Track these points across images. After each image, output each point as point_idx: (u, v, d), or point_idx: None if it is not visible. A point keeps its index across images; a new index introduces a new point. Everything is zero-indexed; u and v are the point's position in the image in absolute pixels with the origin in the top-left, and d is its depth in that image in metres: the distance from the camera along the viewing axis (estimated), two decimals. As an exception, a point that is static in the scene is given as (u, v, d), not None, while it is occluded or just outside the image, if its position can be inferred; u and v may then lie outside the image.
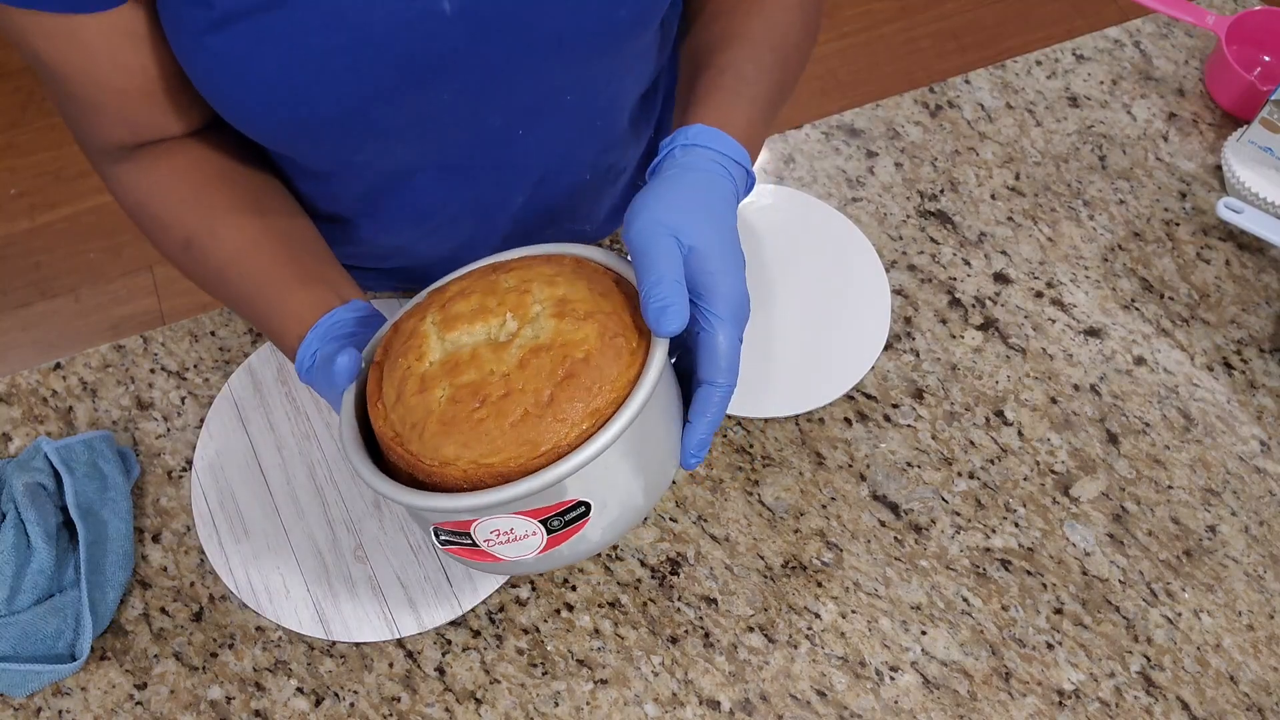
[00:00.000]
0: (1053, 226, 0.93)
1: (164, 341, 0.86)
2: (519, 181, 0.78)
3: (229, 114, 0.66)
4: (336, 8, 0.60)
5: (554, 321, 0.58)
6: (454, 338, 0.59)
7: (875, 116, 0.99)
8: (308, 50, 0.61)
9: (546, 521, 0.57)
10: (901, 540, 0.79)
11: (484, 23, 0.63)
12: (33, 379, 0.85)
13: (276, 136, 0.67)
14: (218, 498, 0.79)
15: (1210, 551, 0.79)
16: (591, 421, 0.56)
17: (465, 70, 0.65)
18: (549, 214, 0.84)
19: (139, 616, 0.76)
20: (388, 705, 0.73)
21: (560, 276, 0.61)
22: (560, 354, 0.57)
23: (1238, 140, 0.93)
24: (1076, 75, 1.02)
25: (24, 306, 1.90)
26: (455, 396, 0.57)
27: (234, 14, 0.59)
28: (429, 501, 0.56)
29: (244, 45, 0.61)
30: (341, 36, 0.61)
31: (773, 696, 0.74)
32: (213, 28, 0.60)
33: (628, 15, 0.67)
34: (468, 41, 0.63)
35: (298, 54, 0.61)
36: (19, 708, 0.73)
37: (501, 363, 0.57)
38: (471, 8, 0.62)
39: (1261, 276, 0.91)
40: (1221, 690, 0.74)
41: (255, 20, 0.60)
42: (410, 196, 0.76)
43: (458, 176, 0.75)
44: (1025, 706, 0.74)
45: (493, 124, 0.71)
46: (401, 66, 0.63)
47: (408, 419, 0.58)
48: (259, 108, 0.64)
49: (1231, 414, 0.85)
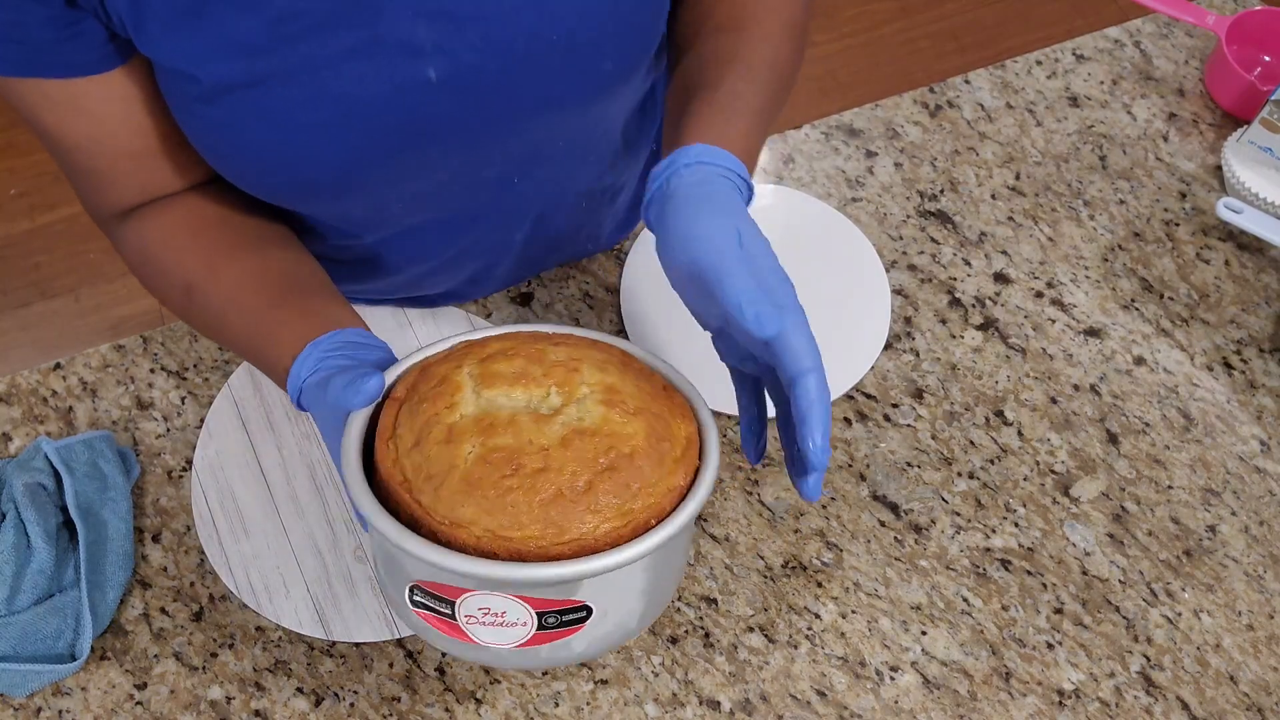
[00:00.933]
0: (1053, 226, 0.93)
1: (164, 341, 0.86)
2: (519, 222, 0.80)
3: (228, 175, 0.67)
4: (319, 82, 0.60)
5: (602, 409, 0.56)
6: (491, 396, 0.56)
7: (875, 116, 0.99)
8: (294, 122, 0.62)
9: (543, 615, 0.53)
10: (901, 540, 0.79)
11: (471, 89, 0.63)
12: (33, 379, 0.85)
13: (276, 195, 0.68)
14: (218, 497, 0.79)
15: (1210, 551, 0.79)
16: (622, 521, 0.53)
17: (454, 133, 0.66)
18: (552, 242, 0.85)
19: (139, 616, 0.76)
20: (388, 705, 0.73)
21: (610, 365, 0.59)
22: (605, 443, 0.54)
23: (1238, 140, 0.93)
24: (1076, 75, 1.02)
25: (24, 306, 1.90)
26: (486, 457, 0.54)
27: (220, 89, 0.60)
28: (436, 556, 0.51)
29: (233, 116, 0.61)
30: (326, 109, 0.61)
31: (773, 696, 0.74)
32: (203, 99, 0.61)
33: (613, 67, 0.68)
34: (455, 108, 0.64)
35: (286, 125, 0.62)
36: (19, 708, 0.73)
37: (542, 435, 0.54)
38: (456, 76, 0.62)
39: (1261, 276, 0.91)
40: (1221, 690, 0.75)
41: (241, 95, 0.60)
42: (413, 242, 0.77)
43: (458, 224, 0.77)
44: (1025, 706, 0.74)
45: (488, 176, 0.72)
46: (389, 133, 0.64)
47: (425, 468, 0.54)
48: (254, 172, 0.65)
49: (1231, 414, 0.85)
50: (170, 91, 0.62)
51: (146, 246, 0.71)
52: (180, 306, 0.72)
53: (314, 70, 0.60)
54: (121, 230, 0.72)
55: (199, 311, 0.71)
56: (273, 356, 0.66)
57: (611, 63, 0.68)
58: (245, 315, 0.69)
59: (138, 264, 0.72)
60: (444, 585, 0.53)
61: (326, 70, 0.60)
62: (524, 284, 0.89)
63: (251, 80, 0.60)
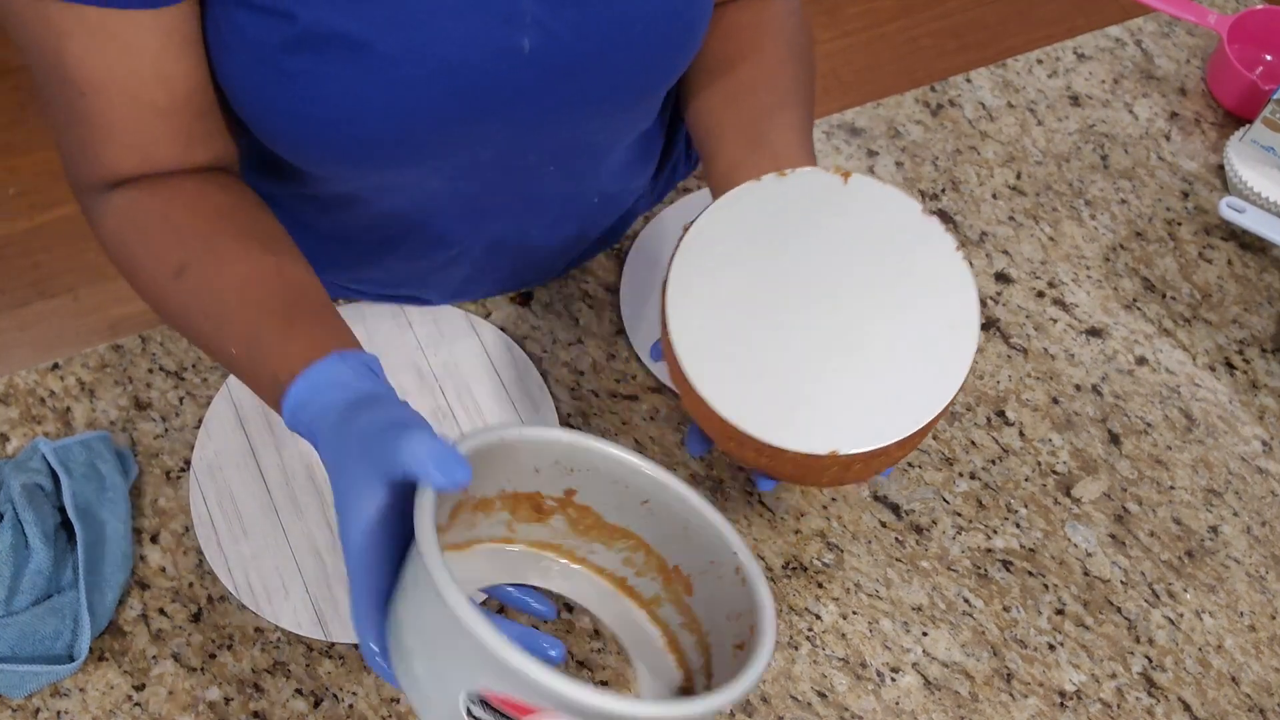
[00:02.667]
0: (1054, 226, 0.93)
1: (162, 341, 0.86)
2: (538, 219, 0.80)
3: (275, 133, 0.64)
4: (418, 37, 0.59)
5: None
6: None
7: (876, 115, 0.99)
8: (385, 77, 0.60)
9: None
10: (902, 541, 0.79)
11: (556, 65, 0.64)
12: (30, 379, 0.84)
13: (327, 156, 0.65)
14: (216, 498, 0.79)
15: (1212, 552, 0.79)
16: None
17: (524, 108, 0.65)
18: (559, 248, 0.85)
19: (137, 617, 0.76)
20: (386, 706, 0.73)
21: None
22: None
23: (1240, 139, 0.93)
24: (1078, 74, 1.02)
25: (22, 306, 1.90)
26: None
27: (313, 34, 0.58)
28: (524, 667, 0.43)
29: (318, 66, 0.59)
30: (419, 67, 0.60)
31: (773, 697, 0.74)
32: (288, 45, 0.58)
33: (672, 64, 0.70)
34: (535, 82, 0.64)
35: (375, 79, 0.60)
36: (17, 708, 0.73)
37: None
38: (547, 51, 0.63)
39: (1264, 276, 0.91)
40: (1223, 691, 0.74)
41: (335, 43, 0.58)
42: (429, 229, 0.76)
43: (480, 211, 0.76)
44: (1027, 708, 0.73)
45: (528, 161, 0.72)
46: (471, 99, 0.63)
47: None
48: (318, 129, 0.62)
49: (1233, 414, 0.85)
50: (245, 37, 0.59)
51: (137, 216, 0.65)
52: (161, 288, 0.64)
53: (416, 25, 0.59)
54: (106, 197, 0.65)
55: (188, 295, 0.64)
56: (272, 363, 0.60)
57: (673, 59, 0.69)
58: (249, 310, 0.62)
59: (119, 232, 0.65)
60: (515, 702, 0.45)
61: (429, 26, 0.59)
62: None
63: (351, 27, 0.58)
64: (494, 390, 0.83)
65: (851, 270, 0.61)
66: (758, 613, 0.55)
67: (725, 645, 0.57)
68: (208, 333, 0.64)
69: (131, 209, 0.65)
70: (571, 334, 0.87)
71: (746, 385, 0.59)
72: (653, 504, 0.59)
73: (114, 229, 0.65)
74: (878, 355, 0.59)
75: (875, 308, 0.60)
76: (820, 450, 0.57)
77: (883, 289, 0.61)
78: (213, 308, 0.63)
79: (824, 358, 0.59)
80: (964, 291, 0.61)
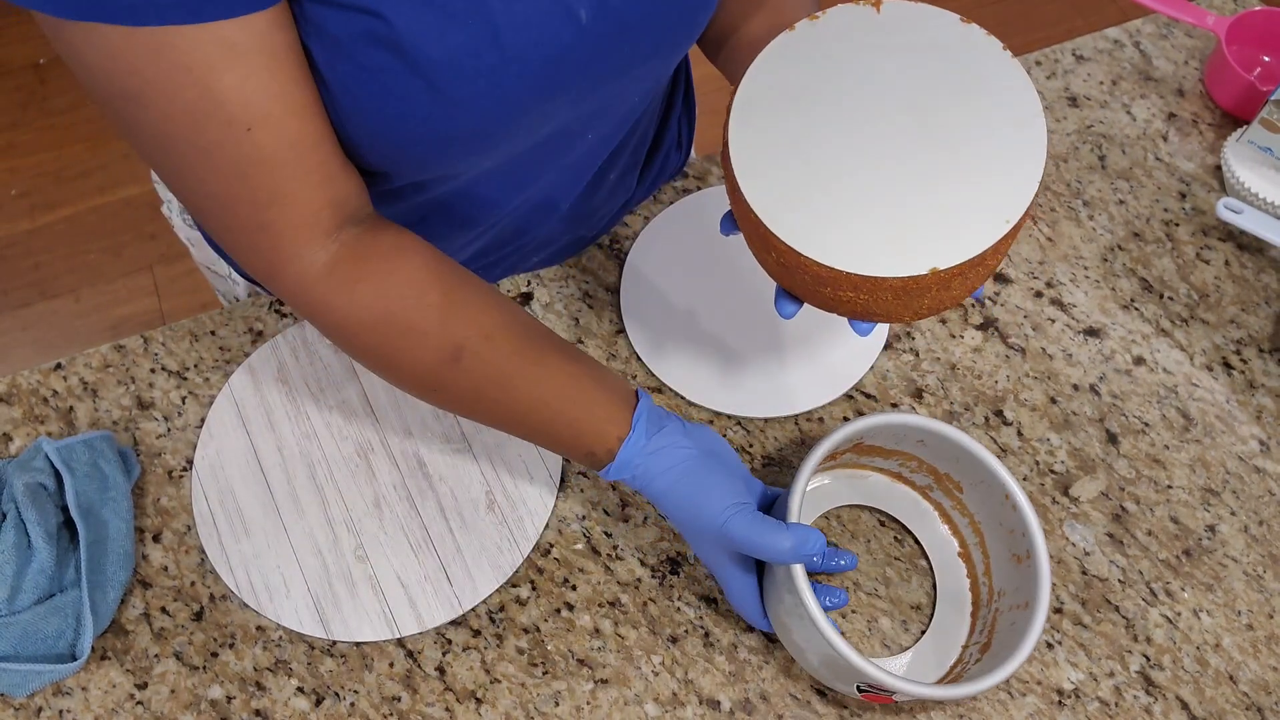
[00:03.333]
0: (1052, 226, 0.93)
1: (164, 341, 0.86)
2: (570, 185, 0.80)
3: (355, 137, 0.60)
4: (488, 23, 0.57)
5: None
6: None
7: (875, 116, 0.99)
8: (463, 67, 0.58)
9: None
10: (901, 540, 0.79)
11: (609, 32, 0.63)
12: (33, 379, 0.85)
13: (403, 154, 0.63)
14: (218, 497, 0.79)
15: (1210, 551, 0.79)
16: None
17: (586, 78, 0.65)
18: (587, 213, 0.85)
19: (139, 616, 0.76)
20: (388, 705, 0.73)
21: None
22: None
23: (1237, 140, 0.93)
24: (1076, 75, 1.02)
25: (24, 306, 1.90)
26: None
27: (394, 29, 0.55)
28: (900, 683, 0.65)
29: (398, 62, 0.56)
30: (498, 57, 0.59)
31: (773, 696, 0.74)
32: (369, 39, 0.55)
33: (704, 18, 0.69)
34: (594, 49, 0.63)
35: (455, 68, 0.58)
36: (19, 707, 0.73)
37: None
38: (602, 19, 0.62)
39: (1261, 277, 0.91)
40: (1221, 690, 0.75)
41: (414, 38, 0.56)
42: (466, 204, 0.75)
43: (518, 178, 0.75)
44: (1025, 706, 0.74)
45: (571, 129, 0.71)
46: (542, 79, 0.62)
47: None
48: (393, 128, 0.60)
49: (1231, 414, 0.85)
50: (325, 40, 0.55)
51: (393, 304, 0.62)
52: (438, 373, 0.64)
53: (485, 11, 0.57)
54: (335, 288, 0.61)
55: (468, 376, 0.64)
56: (595, 420, 0.68)
57: (704, 13, 0.69)
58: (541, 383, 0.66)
59: (376, 324, 0.62)
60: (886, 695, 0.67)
61: (498, 13, 0.57)
62: (525, 283, 0.89)
63: (428, 19, 0.55)
64: (494, 390, 0.83)
65: (906, 92, 0.61)
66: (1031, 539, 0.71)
67: (1004, 554, 0.74)
68: (502, 409, 0.68)
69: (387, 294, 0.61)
70: (571, 334, 0.87)
71: (830, 226, 0.58)
72: (926, 441, 0.75)
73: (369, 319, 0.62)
74: (952, 169, 0.59)
75: (939, 123, 0.60)
76: (921, 270, 0.57)
77: (942, 103, 0.60)
78: (500, 386, 0.66)
79: (900, 182, 0.59)
80: (1021, 89, 0.60)
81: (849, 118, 0.61)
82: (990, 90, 0.60)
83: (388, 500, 0.79)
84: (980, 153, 0.59)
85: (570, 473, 0.81)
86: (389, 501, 0.79)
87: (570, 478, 0.81)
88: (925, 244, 0.57)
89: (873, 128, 0.60)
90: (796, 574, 0.66)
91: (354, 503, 0.79)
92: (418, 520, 0.79)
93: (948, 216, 0.58)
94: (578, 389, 0.68)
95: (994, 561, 0.75)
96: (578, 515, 0.80)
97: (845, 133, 0.60)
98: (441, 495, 0.80)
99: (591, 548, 0.79)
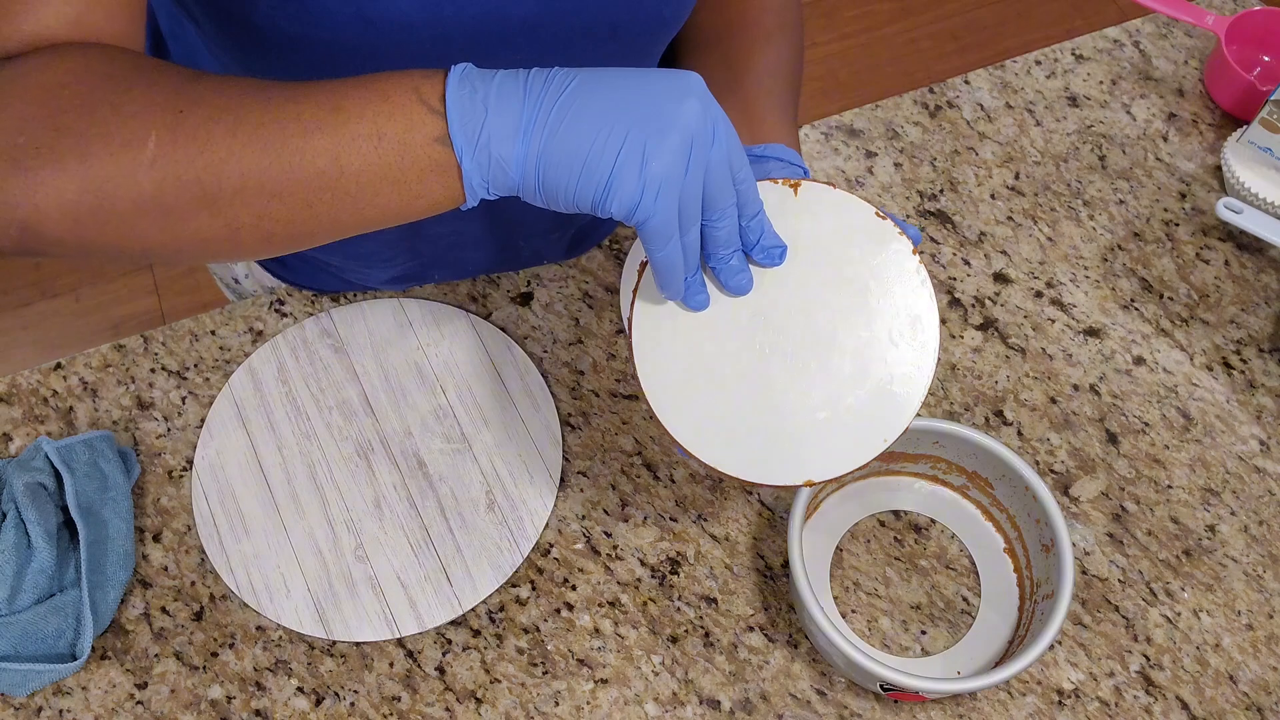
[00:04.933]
0: (1052, 226, 0.93)
1: (164, 341, 0.86)
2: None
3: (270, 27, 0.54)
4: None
5: None
6: None
7: (875, 117, 0.99)
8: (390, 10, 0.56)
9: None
10: (901, 540, 0.79)
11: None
12: (33, 379, 0.85)
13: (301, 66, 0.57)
14: (218, 497, 0.79)
15: (1209, 551, 0.79)
16: None
17: (524, 47, 0.63)
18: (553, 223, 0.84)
19: (139, 616, 0.76)
20: (388, 705, 0.73)
21: None
22: None
23: (1237, 140, 0.93)
24: (1076, 75, 1.02)
25: (24, 306, 1.90)
26: None
27: None
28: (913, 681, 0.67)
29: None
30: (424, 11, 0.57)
31: (773, 696, 0.74)
32: None
33: (670, 15, 0.68)
34: (536, 15, 0.61)
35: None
36: (20, 707, 0.73)
37: None
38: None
39: (1261, 277, 0.91)
40: (1221, 690, 0.75)
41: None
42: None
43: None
44: (1025, 706, 0.74)
45: None
46: (473, 35, 0.60)
47: None
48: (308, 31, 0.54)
49: (1231, 414, 0.85)
50: None
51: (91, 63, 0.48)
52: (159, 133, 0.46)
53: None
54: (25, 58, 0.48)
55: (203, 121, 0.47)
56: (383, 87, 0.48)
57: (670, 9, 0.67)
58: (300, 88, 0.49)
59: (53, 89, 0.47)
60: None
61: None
62: (525, 283, 0.89)
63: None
64: (494, 390, 0.83)
65: (809, 287, 0.60)
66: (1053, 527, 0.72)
67: (1036, 545, 0.74)
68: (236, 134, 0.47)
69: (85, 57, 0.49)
70: (571, 334, 0.87)
71: (717, 425, 0.60)
72: (941, 441, 0.76)
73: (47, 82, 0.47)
74: (843, 373, 0.60)
75: (835, 331, 0.60)
76: (795, 481, 0.60)
77: (842, 309, 0.60)
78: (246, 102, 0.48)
79: (790, 383, 0.60)
80: (925, 306, 0.60)
81: (750, 309, 0.60)
82: (892, 298, 0.60)
83: (388, 500, 0.79)
84: (870, 364, 0.60)
85: (570, 473, 0.81)
86: (389, 501, 0.79)
87: (570, 477, 0.81)
88: (804, 456, 0.60)
89: (772, 322, 0.60)
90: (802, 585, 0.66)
91: (354, 503, 0.79)
92: (418, 520, 0.79)
93: (828, 431, 0.60)
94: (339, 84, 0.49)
95: (1031, 554, 0.75)
96: (578, 515, 0.80)
97: (744, 326, 0.60)
98: (441, 495, 0.80)
99: (591, 548, 0.79)
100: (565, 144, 0.48)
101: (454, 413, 0.83)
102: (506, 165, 0.49)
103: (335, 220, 0.50)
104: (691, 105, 0.49)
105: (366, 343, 0.85)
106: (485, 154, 0.49)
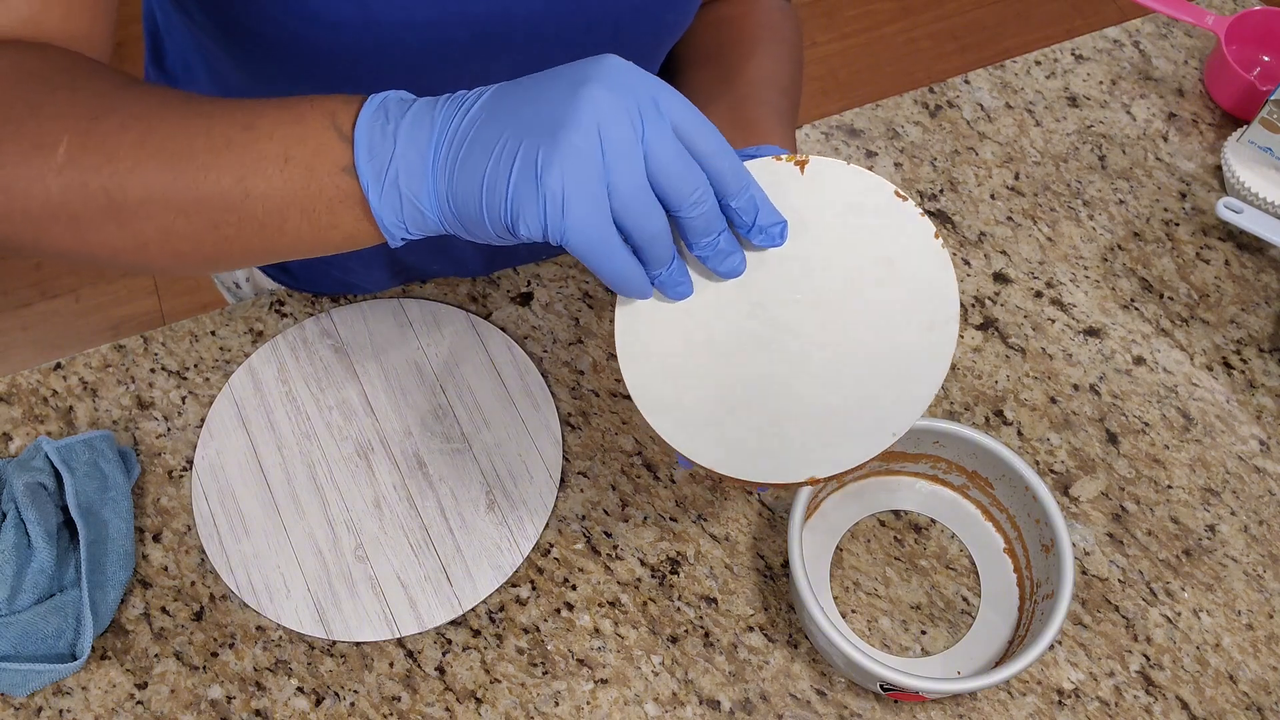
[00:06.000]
0: (1052, 226, 0.94)
1: (164, 341, 0.86)
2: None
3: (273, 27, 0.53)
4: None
5: None
6: None
7: (875, 117, 0.99)
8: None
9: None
10: (901, 540, 0.79)
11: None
12: (33, 379, 0.85)
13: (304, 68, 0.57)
14: (218, 497, 0.79)
15: (1210, 551, 0.79)
16: None
17: (526, 43, 0.62)
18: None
19: (139, 616, 0.76)
20: (388, 705, 0.73)
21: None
22: None
23: (1237, 140, 0.93)
24: (1076, 75, 1.02)
25: (24, 306, 1.90)
26: None
27: None
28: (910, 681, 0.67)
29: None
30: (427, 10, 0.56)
31: (773, 696, 0.74)
32: None
33: (674, 18, 0.67)
34: (540, 13, 0.60)
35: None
36: (19, 707, 0.73)
37: None
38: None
39: (1261, 276, 0.91)
40: (1221, 689, 0.75)
41: None
42: None
43: None
44: (1025, 706, 0.74)
45: None
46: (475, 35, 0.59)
47: None
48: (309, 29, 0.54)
49: (1231, 413, 0.85)
50: None
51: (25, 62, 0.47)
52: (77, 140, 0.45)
53: None
54: None
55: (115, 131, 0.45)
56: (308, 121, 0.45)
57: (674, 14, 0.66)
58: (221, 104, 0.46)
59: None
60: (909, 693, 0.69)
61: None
62: (524, 283, 0.89)
63: None
64: (494, 390, 0.83)
65: (814, 270, 0.54)
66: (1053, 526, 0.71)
67: (1036, 545, 0.74)
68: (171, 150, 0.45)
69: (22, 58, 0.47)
70: (571, 334, 0.87)
71: (714, 423, 0.55)
72: (941, 441, 0.76)
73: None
74: (848, 369, 0.54)
75: (843, 317, 0.54)
76: (798, 479, 0.55)
77: (850, 292, 0.54)
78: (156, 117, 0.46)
79: (792, 373, 0.55)
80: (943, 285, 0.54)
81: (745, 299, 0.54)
82: (907, 281, 0.54)
83: (388, 500, 0.79)
84: (881, 353, 0.54)
85: (570, 473, 0.81)
86: (389, 501, 0.79)
87: (570, 478, 0.81)
88: (806, 452, 0.54)
89: (767, 314, 0.54)
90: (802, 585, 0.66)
91: (354, 503, 0.79)
92: (418, 520, 0.79)
93: (833, 424, 0.54)
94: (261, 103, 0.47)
95: (1031, 554, 0.75)
96: (578, 515, 0.80)
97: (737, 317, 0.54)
98: (441, 495, 0.80)
99: (591, 548, 0.79)
100: (466, 173, 0.43)
101: (454, 413, 0.83)
102: (419, 204, 0.44)
103: (245, 245, 0.46)
104: (590, 92, 0.42)
105: (366, 343, 0.85)
106: (395, 192, 0.44)
